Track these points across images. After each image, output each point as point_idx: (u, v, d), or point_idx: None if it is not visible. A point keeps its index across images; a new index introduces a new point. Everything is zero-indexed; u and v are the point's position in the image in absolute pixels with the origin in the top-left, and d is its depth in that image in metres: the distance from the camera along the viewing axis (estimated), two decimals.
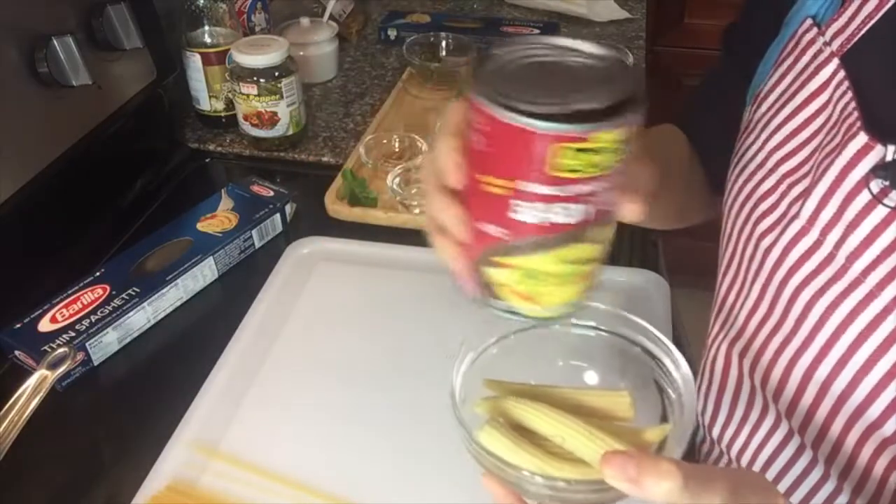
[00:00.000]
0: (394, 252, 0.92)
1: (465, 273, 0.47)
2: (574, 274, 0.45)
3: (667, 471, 0.39)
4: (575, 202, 0.41)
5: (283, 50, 1.05)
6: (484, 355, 0.51)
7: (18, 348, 0.78)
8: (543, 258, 0.43)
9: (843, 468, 0.57)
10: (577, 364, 0.54)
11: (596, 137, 0.38)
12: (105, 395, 0.79)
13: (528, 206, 0.41)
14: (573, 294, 0.46)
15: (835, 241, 0.54)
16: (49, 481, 0.70)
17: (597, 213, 0.43)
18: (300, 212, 1.00)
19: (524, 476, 0.43)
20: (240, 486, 0.66)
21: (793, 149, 0.59)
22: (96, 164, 0.98)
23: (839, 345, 0.54)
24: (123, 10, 0.93)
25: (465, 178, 0.43)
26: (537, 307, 0.46)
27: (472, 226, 0.44)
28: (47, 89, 0.85)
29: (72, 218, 0.95)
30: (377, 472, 0.68)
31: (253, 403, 0.74)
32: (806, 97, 0.58)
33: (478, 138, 0.41)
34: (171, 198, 1.05)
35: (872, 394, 0.52)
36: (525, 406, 0.48)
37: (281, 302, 0.85)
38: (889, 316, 0.51)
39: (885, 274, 0.51)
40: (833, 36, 0.57)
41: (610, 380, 0.52)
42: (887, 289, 0.51)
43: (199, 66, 1.11)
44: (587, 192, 0.41)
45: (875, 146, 0.51)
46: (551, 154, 0.39)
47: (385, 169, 1.02)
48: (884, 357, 0.51)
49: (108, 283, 0.84)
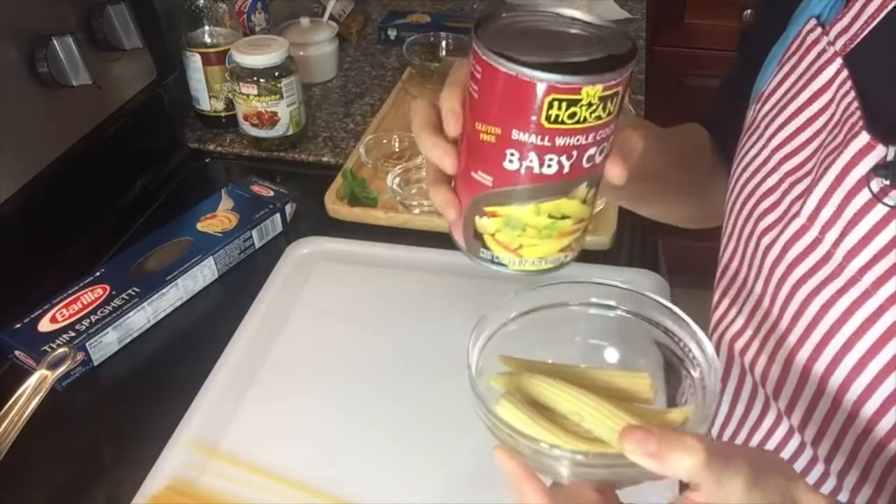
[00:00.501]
0: (394, 252, 0.92)
1: (457, 222, 0.49)
2: (556, 229, 0.47)
3: (691, 446, 0.39)
4: (562, 154, 0.43)
5: (283, 50, 1.05)
6: (501, 331, 0.51)
7: (18, 348, 0.78)
8: (528, 208, 0.45)
9: (842, 468, 0.57)
10: (598, 343, 0.53)
11: (588, 91, 0.41)
12: (105, 395, 0.79)
13: (518, 155, 0.43)
14: (554, 250, 0.48)
15: (833, 240, 0.54)
16: (49, 481, 0.70)
17: (582, 170, 0.45)
18: (300, 212, 1.00)
19: (541, 448, 0.42)
20: (240, 486, 0.66)
21: (795, 147, 0.59)
22: (96, 164, 0.98)
23: (834, 343, 0.54)
24: (123, 10, 0.93)
25: (463, 127, 0.46)
26: (518, 259, 0.48)
27: (467, 175, 0.47)
28: (47, 89, 0.85)
29: (72, 218, 0.95)
30: (377, 472, 0.68)
31: (253, 403, 0.74)
32: (809, 96, 0.58)
33: (477, 87, 0.43)
34: (171, 198, 1.05)
35: (866, 392, 0.52)
36: (542, 382, 0.47)
37: (281, 302, 0.85)
38: (884, 315, 0.51)
39: (882, 273, 0.51)
40: (837, 36, 0.57)
41: (630, 360, 0.52)
42: (883, 288, 0.51)
43: (199, 66, 1.11)
44: (575, 145, 0.43)
45: (876, 146, 0.51)
46: (545, 104, 0.41)
47: (385, 169, 1.02)
48: (877, 356, 0.51)
49: (108, 283, 0.84)
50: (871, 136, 0.51)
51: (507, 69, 0.41)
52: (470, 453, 0.69)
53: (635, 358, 0.52)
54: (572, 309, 0.53)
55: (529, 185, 0.44)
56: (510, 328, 0.52)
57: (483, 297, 0.60)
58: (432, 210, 0.97)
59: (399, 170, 0.99)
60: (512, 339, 0.51)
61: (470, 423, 0.73)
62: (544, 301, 0.53)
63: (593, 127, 0.42)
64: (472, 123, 0.45)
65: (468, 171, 0.46)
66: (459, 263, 0.91)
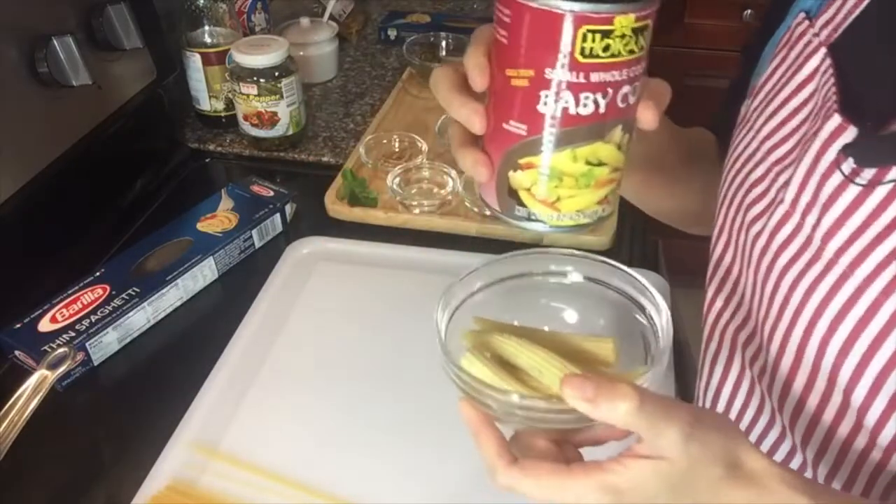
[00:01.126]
0: (394, 252, 0.92)
1: (489, 183, 0.48)
2: (593, 177, 0.46)
3: (625, 392, 0.41)
4: (598, 92, 0.43)
5: (283, 50, 1.05)
6: (469, 300, 0.53)
7: (18, 348, 0.78)
8: (564, 155, 0.45)
9: (831, 466, 0.57)
10: (564, 310, 0.55)
11: (620, 21, 0.41)
12: (105, 395, 0.79)
13: (552, 96, 0.43)
14: (591, 201, 0.47)
15: (812, 223, 0.54)
16: (49, 481, 0.70)
17: (617, 110, 0.44)
18: (300, 212, 1.00)
19: (498, 396, 0.45)
20: (240, 486, 0.66)
21: (782, 137, 0.59)
22: (96, 164, 0.98)
23: (818, 328, 0.53)
24: (123, 10, 0.93)
25: (490, 81, 0.45)
26: (556, 213, 0.47)
27: (498, 128, 0.46)
28: (47, 89, 0.85)
29: (72, 218, 0.95)
30: (377, 472, 0.68)
31: (253, 403, 0.74)
32: (795, 87, 0.58)
33: (506, 32, 0.44)
34: (171, 198, 1.05)
35: (855, 376, 0.51)
36: (507, 340, 0.49)
37: (281, 302, 0.85)
38: (862, 296, 0.50)
39: (857, 254, 0.51)
40: (822, 27, 0.58)
41: (596, 327, 0.53)
42: (859, 269, 0.50)
43: (199, 66, 1.11)
44: (610, 81, 0.43)
45: (848, 127, 0.51)
46: (578, 37, 0.41)
47: (385, 169, 1.02)
48: (860, 337, 0.51)
49: (108, 283, 0.84)
50: (843, 118, 0.52)
51: (538, 4, 0.41)
52: (470, 453, 0.69)
53: (601, 325, 0.53)
54: (535, 278, 0.54)
55: (565, 129, 0.44)
56: (477, 298, 0.53)
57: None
58: (432, 210, 0.97)
59: (399, 170, 0.99)
60: (479, 308, 0.53)
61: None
62: (508, 272, 0.54)
63: (627, 62, 0.43)
64: (501, 72, 0.45)
65: (499, 123, 0.46)
66: (459, 263, 0.91)
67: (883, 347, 0.49)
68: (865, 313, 0.50)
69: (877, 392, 0.51)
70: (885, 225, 0.49)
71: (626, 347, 0.51)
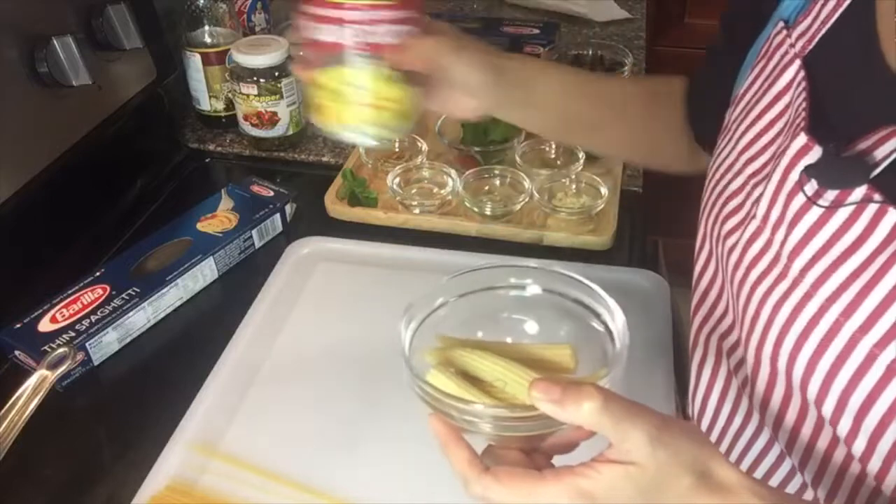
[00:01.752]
0: (394, 252, 0.92)
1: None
2: (348, 96, 0.58)
3: (587, 392, 0.42)
4: (333, 24, 0.55)
5: (283, 50, 1.05)
6: (432, 316, 0.55)
7: (18, 348, 0.78)
8: (325, 74, 0.57)
9: (815, 475, 0.57)
10: (524, 321, 0.57)
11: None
12: (105, 395, 0.79)
13: (309, 25, 0.56)
14: (356, 117, 0.59)
15: (780, 240, 0.54)
16: (49, 481, 0.70)
17: (358, 45, 0.56)
18: (300, 212, 1.00)
19: (466, 408, 0.46)
20: (240, 486, 0.67)
21: (758, 150, 0.59)
22: (96, 164, 0.98)
23: (787, 343, 0.53)
24: (123, 10, 0.93)
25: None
26: (330, 121, 0.60)
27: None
28: (47, 89, 0.85)
29: (72, 218, 0.95)
30: (377, 472, 0.68)
31: (253, 403, 0.74)
32: (771, 99, 0.58)
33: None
34: (171, 198, 1.05)
35: (822, 392, 0.51)
36: (470, 354, 0.51)
37: (281, 302, 0.85)
38: (824, 315, 0.50)
39: (821, 273, 0.51)
40: (798, 37, 0.57)
41: (556, 337, 0.55)
42: (822, 288, 0.50)
43: (199, 66, 1.11)
44: (344, 18, 0.54)
45: (813, 146, 0.51)
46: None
47: (385, 169, 1.02)
48: (823, 357, 0.50)
49: (108, 283, 0.84)
50: (809, 138, 0.52)
51: None
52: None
53: (560, 333, 0.55)
54: (497, 292, 0.57)
55: (314, 51, 0.57)
56: (440, 313, 0.55)
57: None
58: (432, 210, 0.97)
59: (399, 170, 0.99)
60: (442, 322, 0.55)
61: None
62: (470, 287, 0.56)
63: (365, 6, 0.54)
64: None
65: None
66: (459, 263, 0.91)
67: (845, 366, 0.49)
68: (828, 332, 0.50)
69: (843, 408, 0.50)
70: (846, 246, 0.49)
71: (587, 354, 0.52)
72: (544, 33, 1.33)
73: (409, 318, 0.53)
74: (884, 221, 0.47)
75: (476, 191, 0.98)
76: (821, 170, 0.50)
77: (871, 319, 0.47)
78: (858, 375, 0.48)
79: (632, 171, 1.07)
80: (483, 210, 0.95)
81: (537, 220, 0.95)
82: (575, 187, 0.98)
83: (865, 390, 0.48)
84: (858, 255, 0.48)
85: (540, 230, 0.94)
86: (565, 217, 0.95)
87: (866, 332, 0.48)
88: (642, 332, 0.80)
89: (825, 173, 0.50)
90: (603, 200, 0.94)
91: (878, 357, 0.47)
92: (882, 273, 0.47)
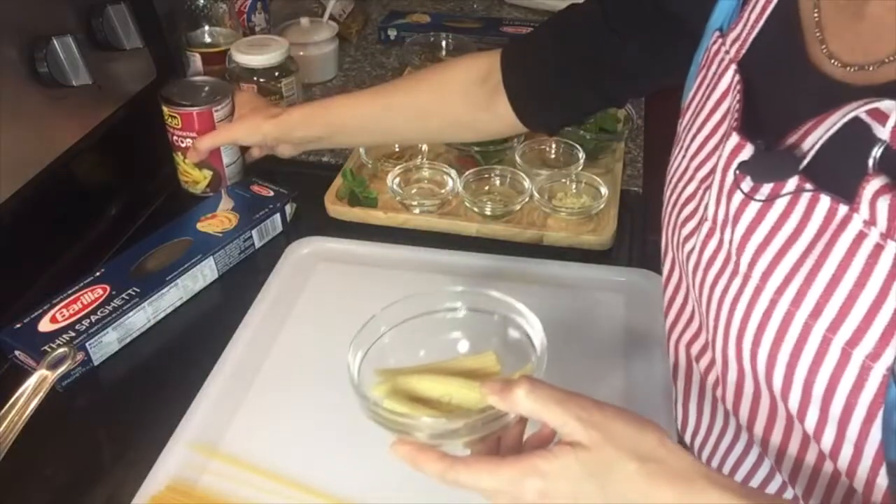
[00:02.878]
0: (394, 252, 0.92)
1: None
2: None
3: (518, 381, 0.49)
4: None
5: (283, 50, 1.05)
6: (378, 343, 0.61)
7: (18, 348, 0.78)
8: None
9: (790, 474, 0.57)
10: (459, 339, 0.64)
11: None
12: (105, 395, 0.79)
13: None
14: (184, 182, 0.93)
15: (729, 239, 0.55)
16: (49, 481, 0.70)
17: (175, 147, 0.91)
18: (300, 212, 1.00)
19: (431, 423, 0.51)
20: (240, 486, 0.66)
21: (706, 155, 0.60)
22: (96, 163, 0.98)
23: (746, 340, 0.54)
24: (123, 10, 0.93)
25: None
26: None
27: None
28: (47, 89, 0.85)
29: (72, 218, 0.95)
30: (377, 472, 0.68)
31: (253, 403, 0.74)
32: (713, 104, 0.60)
33: None
34: (171, 197, 1.04)
35: (785, 386, 0.52)
36: (413, 379, 0.57)
37: (281, 302, 0.85)
38: (776, 307, 0.51)
39: (766, 266, 0.52)
40: (731, 43, 0.59)
41: (487, 348, 0.61)
42: (770, 281, 0.51)
43: (199, 66, 1.11)
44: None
45: (745, 145, 0.53)
46: None
47: (385, 169, 1.02)
48: (781, 349, 0.51)
49: (108, 283, 0.84)
50: (741, 137, 0.54)
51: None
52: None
53: (487, 345, 0.61)
54: (434, 315, 0.63)
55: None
56: (384, 341, 0.61)
57: (483, 297, 0.61)
58: (432, 210, 0.97)
59: (399, 170, 0.99)
60: (387, 348, 0.61)
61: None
62: (408, 313, 0.62)
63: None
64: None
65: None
66: (459, 263, 0.91)
67: (803, 355, 0.50)
68: (782, 323, 0.51)
69: (808, 400, 0.51)
70: (786, 237, 0.50)
71: (514, 360, 0.59)
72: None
73: (354, 350, 0.58)
74: (818, 209, 0.49)
75: (476, 191, 0.98)
76: (753, 166, 0.52)
77: (820, 305, 0.48)
78: (817, 363, 0.49)
79: (632, 171, 1.07)
80: (483, 210, 0.95)
81: (537, 220, 0.96)
82: (575, 187, 0.98)
83: (826, 376, 0.49)
84: (799, 245, 0.50)
85: (540, 230, 0.94)
86: (565, 217, 0.95)
87: (817, 317, 0.49)
88: (642, 332, 0.80)
89: (757, 169, 0.52)
90: (603, 200, 0.94)
91: (832, 341, 0.48)
92: (823, 259, 0.48)
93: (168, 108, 0.97)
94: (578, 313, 0.83)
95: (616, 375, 0.76)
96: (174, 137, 0.99)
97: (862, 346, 0.46)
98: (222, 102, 0.97)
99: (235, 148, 1.03)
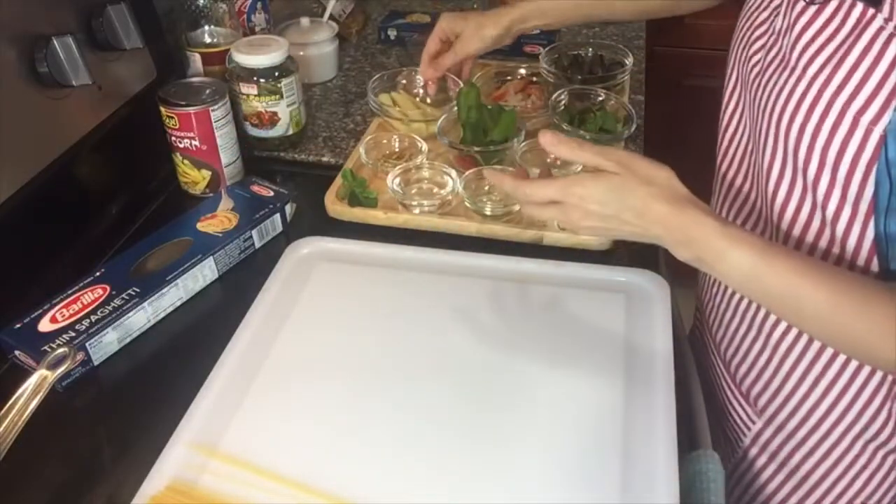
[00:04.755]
0: (394, 252, 0.92)
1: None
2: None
3: (576, 140, 0.70)
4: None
5: (283, 50, 1.05)
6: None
7: (18, 348, 0.78)
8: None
9: (795, 247, 0.72)
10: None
11: None
12: (105, 395, 0.79)
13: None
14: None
15: (786, 43, 0.67)
16: (49, 481, 0.70)
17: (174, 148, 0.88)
18: (300, 212, 1.00)
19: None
20: (240, 486, 0.67)
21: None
22: (96, 163, 0.98)
23: (783, 120, 0.67)
24: (123, 10, 0.93)
25: None
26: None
27: None
28: (47, 89, 0.85)
29: (72, 218, 0.95)
30: (377, 472, 0.68)
31: (253, 403, 0.74)
32: None
33: None
34: (172, 197, 1.05)
35: (805, 161, 0.66)
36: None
37: (281, 302, 0.85)
38: (810, 90, 0.65)
39: (808, 57, 0.65)
40: None
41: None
42: (809, 69, 0.65)
43: (199, 66, 1.11)
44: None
45: None
46: None
47: (385, 169, 1.02)
48: (808, 123, 0.65)
49: (108, 283, 0.84)
50: None
51: None
52: (470, 453, 0.69)
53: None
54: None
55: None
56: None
57: (483, 297, 0.62)
58: (432, 210, 0.97)
59: (399, 170, 0.99)
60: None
61: (469, 423, 0.73)
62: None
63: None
64: None
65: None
66: (459, 263, 0.91)
67: (824, 126, 0.64)
68: (812, 102, 0.64)
69: (822, 168, 0.65)
70: (828, 35, 0.64)
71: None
72: (544, 33, 1.33)
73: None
74: (853, 13, 0.62)
75: (476, 191, 0.98)
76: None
77: (843, 83, 0.62)
78: (833, 132, 0.63)
79: None
80: (483, 210, 0.95)
81: (537, 221, 0.95)
82: None
83: (838, 143, 0.63)
84: (836, 41, 0.63)
85: (540, 230, 0.94)
86: None
87: (839, 94, 0.62)
88: (642, 332, 0.80)
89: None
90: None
91: (847, 112, 0.62)
92: (850, 49, 0.62)
93: (166, 109, 0.97)
94: (578, 313, 0.83)
95: (616, 375, 0.76)
96: (172, 138, 0.99)
97: (868, 113, 0.60)
98: (219, 102, 0.97)
99: (235, 148, 1.03)
